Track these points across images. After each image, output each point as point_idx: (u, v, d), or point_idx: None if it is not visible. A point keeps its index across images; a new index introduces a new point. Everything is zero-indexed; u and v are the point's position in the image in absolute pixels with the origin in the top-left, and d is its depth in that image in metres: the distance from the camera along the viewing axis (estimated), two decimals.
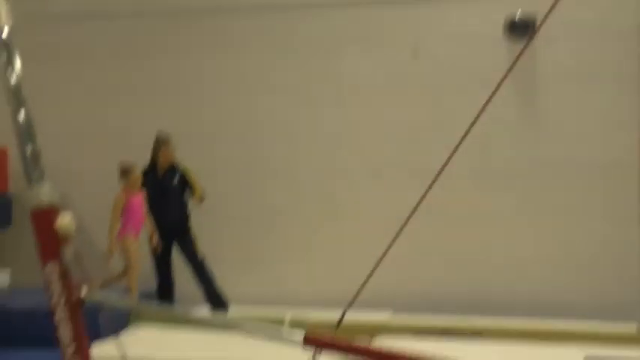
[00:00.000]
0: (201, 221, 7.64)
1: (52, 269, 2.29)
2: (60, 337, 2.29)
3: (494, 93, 2.09)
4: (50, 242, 2.29)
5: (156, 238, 7.31)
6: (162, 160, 7.45)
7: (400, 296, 7.69)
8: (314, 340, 2.11)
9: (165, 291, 7.49)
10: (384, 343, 5.74)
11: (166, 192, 7.41)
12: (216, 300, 7.37)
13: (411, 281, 7.79)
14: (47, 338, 2.48)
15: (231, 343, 6.27)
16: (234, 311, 7.37)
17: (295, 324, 6.64)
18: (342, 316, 2.27)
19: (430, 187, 2.22)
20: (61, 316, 2.28)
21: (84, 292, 2.31)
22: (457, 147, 2.19)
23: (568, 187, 7.60)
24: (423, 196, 2.20)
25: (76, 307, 2.29)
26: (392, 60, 7.97)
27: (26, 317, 6.73)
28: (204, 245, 7.56)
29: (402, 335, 6.43)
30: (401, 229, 2.22)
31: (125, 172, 7.17)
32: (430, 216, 7.40)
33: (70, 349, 2.28)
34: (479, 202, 7.75)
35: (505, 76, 2.08)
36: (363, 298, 7.23)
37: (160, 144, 7.46)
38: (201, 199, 7.46)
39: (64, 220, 2.31)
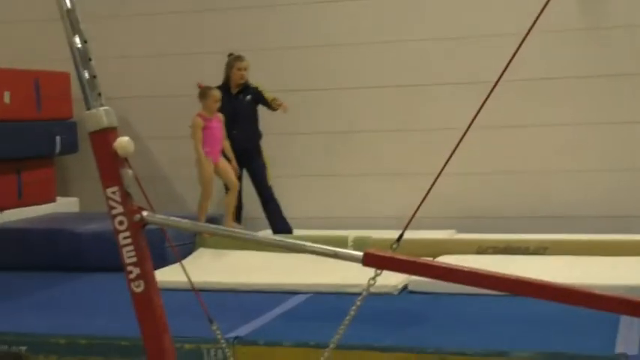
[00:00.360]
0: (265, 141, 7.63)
1: (113, 191, 2.31)
2: (123, 260, 2.32)
3: None
4: (110, 164, 2.32)
5: (234, 163, 7.30)
6: (235, 80, 7.36)
7: (465, 215, 7.66)
8: (374, 258, 2.10)
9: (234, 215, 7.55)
10: (447, 261, 5.73)
11: (238, 113, 7.33)
12: (281, 229, 7.42)
13: (476, 199, 7.74)
14: (116, 262, 2.52)
15: (298, 266, 6.39)
16: (299, 233, 7.44)
17: (359, 243, 6.68)
18: (402, 234, 2.24)
19: (487, 99, 2.15)
20: (124, 239, 2.31)
21: (145, 214, 2.34)
22: (514, 56, 2.11)
23: (635, 99, 7.37)
24: (479, 110, 2.13)
25: (138, 229, 2.32)
26: None
27: (95, 242, 6.89)
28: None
29: (465, 253, 6.42)
30: (457, 145, 2.16)
31: (203, 94, 7.12)
32: (491, 130, 7.32)
33: (133, 273, 2.32)
34: (541, 114, 7.57)
35: None
36: (428, 219, 7.27)
37: (233, 62, 7.36)
38: (277, 106, 7.29)
39: (123, 141, 2.32)
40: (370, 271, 2.25)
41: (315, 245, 2.37)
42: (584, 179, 7.49)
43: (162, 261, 6.27)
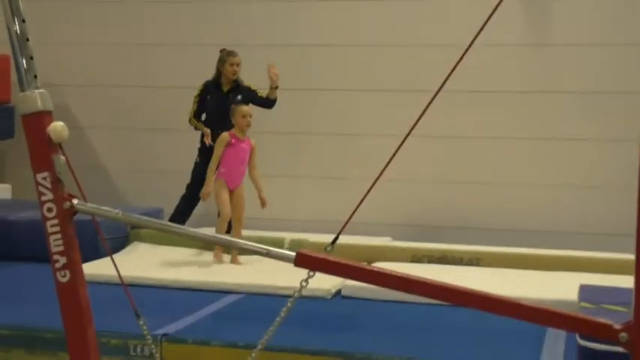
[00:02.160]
0: None
1: (44, 177, 2.26)
2: (50, 249, 2.27)
3: (496, 8, 2.01)
4: (42, 149, 2.26)
5: (263, 194, 6.64)
6: (227, 75, 7.07)
7: (401, 224, 7.70)
8: (306, 258, 2.09)
9: (178, 219, 7.21)
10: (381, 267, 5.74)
11: (226, 111, 6.86)
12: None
13: (413, 208, 7.78)
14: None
15: (233, 266, 6.35)
16: None
17: (295, 246, 6.67)
18: (336, 237, 2.23)
19: (426, 109, 2.15)
20: (51, 226, 2.26)
21: (75, 202, 2.28)
22: (455, 67, 2.12)
23: (573, 116, 7.50)
24: (419, 119, 2.14)
25: (67, 217, 2.26)
26: None
27: (28, 230, 6.73)
28: None
29: (400, 261, 6.46)
30: (395, 153, 2.16)
31: (232, 111, 6.58)
32: (431, 140, 7.39)
33: (59, 262, 2.26)
34: (481, 126, 7.65)
35: None
36: (365, 225, 7.27)
37: (225, 57, 7.07)
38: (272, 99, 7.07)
39: (57, 126, 2.26)
40: (305, 275, 2.24)
41: (249, 243, 2.35)
42: (521, 193, 7.60)
43: (95, 253, 6.15)
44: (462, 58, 2.22)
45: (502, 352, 4.49)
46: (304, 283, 2.29)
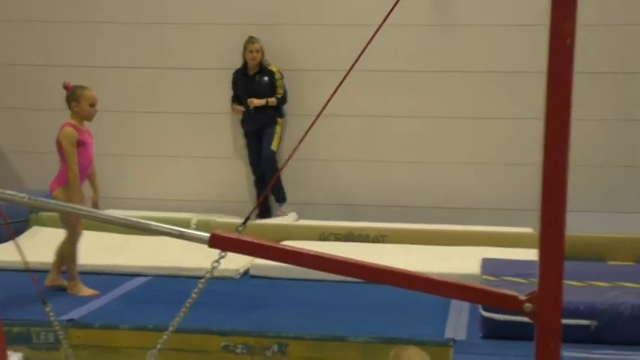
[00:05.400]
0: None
1: None
2: None
3: None
4: None
5: (97, 194, 5.46)
6: (248, 61, 7.50)
7: (308, 202, 7.72)
8: (220, 239, 2.08)
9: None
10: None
11: (255, 93, 7.47)
12: (280, 194, 7.52)
13: (320, 186, 7.81)
14: None
15: (138, 248, 6.26)
16: (140, 214, 7.25)
17: (202, 226, 6.62)
18: (248, 217, 2.24)
19: (337, 89, 2.18)
20: None
21: None
22: (366, 46, 2.15)
23: (481, 95, 7.65)
24: (329, 99, 2.17)
25: None
26: None
27: None
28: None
29: (307, 239, 6.50)
30: (305, 133, 2.18)
31: (73, 96, 5.24)
32: (340, 118, 7.44)
33: None
34: (389, 105, 7.70)
35: None
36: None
37: (245, 44, 7.50)
38: (278, 101, 7.51)
39: None
40: (210, 256, 2.23)
41: (161, 225, 2.31)
42: (426, 171, 7.70)
43: None
44: (372, 39, 2.24)
45: (410, 326, 4.59)
46: (216, 264, 2.28)
